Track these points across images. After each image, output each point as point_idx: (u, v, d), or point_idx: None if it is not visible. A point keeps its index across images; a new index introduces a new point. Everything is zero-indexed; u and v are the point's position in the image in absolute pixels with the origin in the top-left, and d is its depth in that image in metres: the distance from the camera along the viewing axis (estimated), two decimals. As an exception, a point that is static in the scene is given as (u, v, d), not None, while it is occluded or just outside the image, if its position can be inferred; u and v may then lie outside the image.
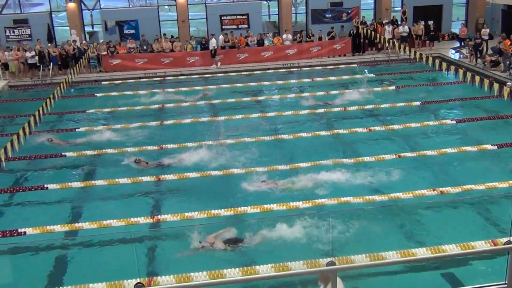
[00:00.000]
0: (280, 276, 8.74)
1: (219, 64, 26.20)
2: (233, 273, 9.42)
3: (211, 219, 11.62)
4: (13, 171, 14.81)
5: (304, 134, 16.60)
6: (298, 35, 27.78)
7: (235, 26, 28.98)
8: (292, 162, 14.54)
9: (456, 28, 30.01)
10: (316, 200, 12.08)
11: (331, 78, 23.97)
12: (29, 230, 11.29)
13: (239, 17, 29.18)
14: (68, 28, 29.09)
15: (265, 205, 11.92)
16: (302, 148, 15.62)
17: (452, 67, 20.85)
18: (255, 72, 25.72)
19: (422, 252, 9.84)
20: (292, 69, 26.25)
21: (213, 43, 26.03)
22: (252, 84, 23.28)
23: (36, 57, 25.17)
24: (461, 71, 19.77)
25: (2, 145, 14.54)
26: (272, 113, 18.98)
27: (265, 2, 31.80)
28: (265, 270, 9.51)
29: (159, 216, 11.73)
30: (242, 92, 21.99)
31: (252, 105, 20.36)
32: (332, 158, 14.38)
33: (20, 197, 13.26)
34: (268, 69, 26.11)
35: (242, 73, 25.69)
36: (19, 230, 11.32)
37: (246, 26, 29.03)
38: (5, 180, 14.14)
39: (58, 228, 11.42)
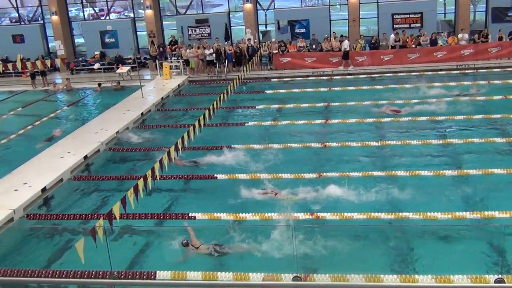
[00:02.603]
0: None
1: (351, 67, 25.97)
2: (391, 279, 9.28)
3: (371, 220, 11.50)
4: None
5: (476, 140, 15.65)
6: (476, 35, 26.08)
7: (407, 25, 28.13)
8: (460, 168, 13.83)
9: None
10: (485, 212, 11.35)
11: (511, 81, 22.20)
12: (199, 215, 12.19)
13: (412, 15, 28.26)
14: (243, 27, 30.64)
15: (429, 213, 11.47)
16: (473, 154, 14.80)
17: None
18: (426, 72, 24.74)
19: None
20: (466, 71, 24.80)
21: (345, 45, 25.91)
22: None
23: (214, 55, 26.95)
24: None
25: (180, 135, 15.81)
26: (442, 116, 18.09)
27: (441, 0, 30.37)
28: (425, 280, 9.23)
29: (318, 213, 11.88)
30: (407, 94, 21.19)
31: (421, 107, 19.55)
32: (506, 168, 13.37)
33: (194, 184, 14.35)
34: (441, 70, 24.95)
35: (412, 73, 24.83)
36: (190, 214, 12.27)
37: (419, 25, 28.02)
38: (182, 168, 15.33)
39: (224, 216, 12.13)
